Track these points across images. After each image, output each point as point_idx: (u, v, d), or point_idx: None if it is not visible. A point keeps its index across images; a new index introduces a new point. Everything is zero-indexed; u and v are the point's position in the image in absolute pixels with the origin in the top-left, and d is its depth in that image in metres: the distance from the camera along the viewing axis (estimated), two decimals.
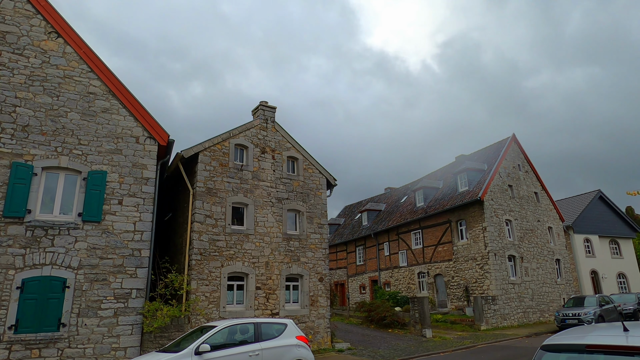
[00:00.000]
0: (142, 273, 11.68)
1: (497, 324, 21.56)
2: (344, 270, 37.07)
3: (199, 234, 13.35)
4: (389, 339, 17.84)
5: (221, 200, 14.05)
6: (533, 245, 25.56)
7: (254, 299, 13.98)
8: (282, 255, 14.94)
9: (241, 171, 14.79)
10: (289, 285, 15.09)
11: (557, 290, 26.16)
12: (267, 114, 16.10)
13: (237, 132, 15.06)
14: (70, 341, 10.50)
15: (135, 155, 12.38)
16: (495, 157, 26.32)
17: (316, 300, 15.42)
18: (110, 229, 11.56)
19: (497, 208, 24.23)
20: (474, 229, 24.11)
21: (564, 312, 20.22)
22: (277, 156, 15.89)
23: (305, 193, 16.22)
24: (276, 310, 14.34)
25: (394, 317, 20.40)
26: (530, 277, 24.61)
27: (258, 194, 14.97)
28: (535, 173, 28.00)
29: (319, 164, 16.89)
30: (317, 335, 15.04)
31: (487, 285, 22.89)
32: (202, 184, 13.81)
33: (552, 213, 28.19)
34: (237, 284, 13.96)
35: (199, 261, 13.17)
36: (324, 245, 16.13)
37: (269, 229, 14.88)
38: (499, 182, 25.10)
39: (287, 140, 16.34)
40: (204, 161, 14.03)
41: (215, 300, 13.16)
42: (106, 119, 12.26)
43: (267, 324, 9.50)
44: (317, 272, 15.72)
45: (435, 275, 26.70)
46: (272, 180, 15.47)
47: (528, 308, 23.77)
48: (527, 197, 26.56)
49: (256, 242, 14.45)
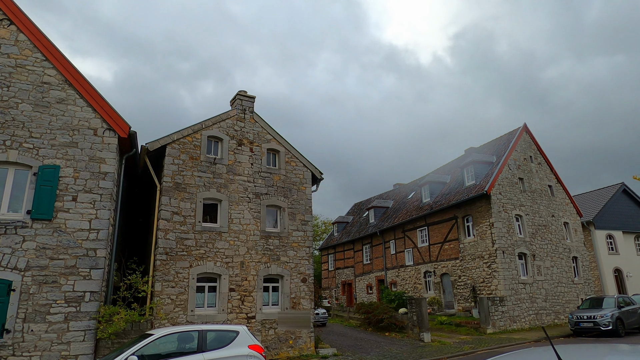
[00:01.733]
0: (97, 275, 10.82)
1: (505, 327, 20.03)
2: (351, 269, 35.86)
3: (164, 232, 12.45)
4: (383, 344, 16.61)
5: (191, 196, 13.13)
6: (547, 242, 23.83)
7: (227, 301, 13.00)
8: (259, 255, 13.92)
9: (214, 165, 13.83)
10: (268, 287, 14.06)
11: (574, 290, 24.35)
12: (245, 104, 15.10)
13: (211, 123, 14.11)
14: (15, 349, 9.71)
15: (93, 148, 11.54)
16: (505, 149, 24.68)
17: (298, 302, 14.34)
18: (62, 228, 10.75)
19: (506, 202, 22.64)
20: (480, 225, 22.59)
21: (578, 315, 18.57)
22: (255, 149, 14.87)
23: (287, 188, 15.16)
24: (252, 313, 13.33)
25: (392, 320, 19.14)
26: (544, 276, 22.91)
27: (233, 189, 13.99)
28: (550, 165, 26.19)
29: (303, 157, 15.80)
30: (299, 341, 13.96)
31: (495, 285, 21.36)
32: (169, 178, 12.91)
33: (569, 207, 26.32)
34: (209, 286, 13.01)
35: (165, 261, 12.26)
36: (308, 244, 15.03)
37: (245, 226, 13.88)
38: (508, 174, 23.47)
39: (268, 132, 15.30)
40: (171, 154, 13.12)
41: (182, 304, 12.23)
42: (61, 110, 11.47)
43: (215, 331, 8.46)
44: (300, 272, 14.63)
45: (442, 274, 25.25)
46: (249, 174, 14.46)
47: (541, 309, 22.10)
48: (540, 190, 24.81)
49: (230, 241, 13.46)
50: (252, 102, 15.22)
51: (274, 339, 13.49)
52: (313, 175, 15.93)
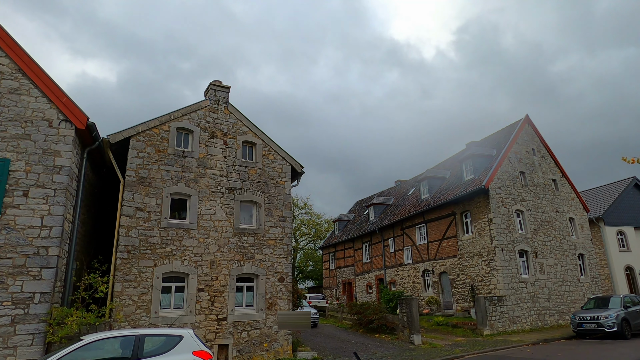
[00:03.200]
0: (49, 274, 10.14)
1: (504, 328, 18.97)
2: (352, 268, 34.97)
3: (126, 229, 11.74)
4: (370, 347, 15.71)
5: (157, 190, 12.40)
6: (550, 239, 22.64)
7: (196, 302, 12.26)
8: (232, 253, 13.14)
9: (183, 158, 13.09)
10: (242, 287, 13.27)
11: (580, 289, 23.12)
12: (219, 94, 14.34)
13: (180, 114, 13.38)
14: None
15: (47, 140, 10.88)
16: (506, 142, 23.54)
17: (275, 303, 13.53)
18: (11, 225, 10.09)
19: (506, 197, 21.53)
20: (479, 221, 21.53)
21: (581, 315, 17.44)
22: (230, 141, 14.10)
23: (264, 182, 14.36)
24: (223, 315, 12.56)
25: (383, 321, 18.22)
26: (547, 274, 21.75)
27: (204, 183, 13.24)
28: (554, 158, 24.96)
29: (282, 150, 14.98)
30: (275, 343, 13.16)
31: (494, 284, 20.30)
32: (133, 172, 12.20)
33: (574, 202, 25.06)
34: (177, 286, 12.28)
35: (126, 260, 11.56)
36: (286, 241, 14.21)
37: (217, 222, 13.12)
38: (508, 168, 22.35)
39: (243, 124, 14.52)
40: (136, 147, 12.42)
41: (144, 305, 11.51)
42: (14, 100, 10.83)
43: (154, 336, 7.70)
44: (277, 271, 13.82)
45: (441, 273, 24.22)
46: (222, 168, 13.69)
47: (544, 309, 20.96)
48: (543, 185, 23.62)
49: (200, 238, 12.72)
50: (226, 92, 14.46)
51: (247, 341, 12.71)
52: (293, 169, 15.10)
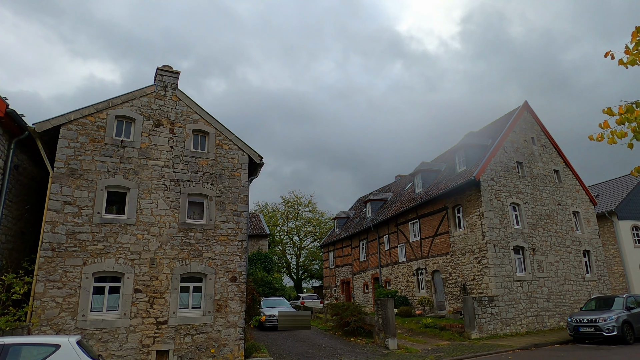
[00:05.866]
0: None
1: (495, 331, 17.41)
2: (350, 267, 33.66)
3: (52, 225, 10.80)
4: (338, 352, 14.43)
5: (90, 183, 11.44)
6: (550, 234, 20.89)
7: (131, 304, 11.24)
8: (175, 250, 12.09)
9: (122, 148, 12.10)
10: (188, 287, 12.21)
11: (585, 289, 21.28)
12: (167, 79, 13.31)
13: (120, 101, 12.39)
14: None
15: None
16: (502, 130, 21.88)
17: (225, 305, 12.41)
18: None
19: (500, 190, 19.91)
20: (470, 215, 19.98)
21: (578, 318, 15.78)
22: (178, 130, 13.06)
23: (216, 174, 13.26)
24: (164, 318, 11.51)
25: (360, 323, 16.91)
26: (546, 272, 20.03)
27: (145, 175, 12.22)
28: (556, 147, 23.13)
29: (239, 139, 13.86)
30: (224, 349, 12.03)
31: (485, 282, 18.74)
32: (62, 164, 11.27)
33: (580, 195, 23.17)
34: (111, 287, 11.29)
35: (50, 259, 10.61)
36: (241, 237, 13.08)
37: (159, 217, 12.08)
38: (503, 158, 20.71)
39: (194, 111, 13.46)
40: (67, 136, 11.48)
41: (70, 307, 10.55)
42: None
43: (22, 346, 6.66)
44: (229, 270, 12.70)
45: (433, 271, 22.73)
46: (168, 158, 12.66)
47: (542, 311, 19.27)
48: (543, 176, 21.86)
49: (138, 234, 11.70)
50: (175, 77, 13.42)
51: (190, 347, 11.63)
52: (251, 160, 13.96)
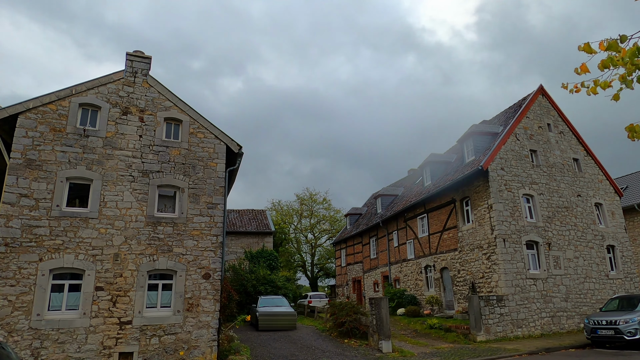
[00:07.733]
0: None
1: (504, 334, 15.97)
2: (360, 265, 32.48)
3: (6, 219, 10.20)
4: (327, 355, 13.35)
5: (48, 174, 10.79)
6: (569, 228, 19.18)
7: (92, 303, 10.53)
8: (142, 245, 11.32)
9: (85, 137, 11.42)
10: (157, 285, 11.42)
11: (609, 287, 19.46)
12: (137, 65, 12.57)
13: (84, 88, 11.72)
14: None
15: None
16: (514, 117, 20.30)
17: (197, 304, 11.56)
18: None
19: (510, 180, 18.38)
20: (478, 208, 18.54)
21: (596, 319, 14.20)
22: (148, 118, 12.30)
23: (189, 164, 12.44)
24: (127, 317, 10.75)
25: (355, 323, 15.80)
26: (563, 269, 18.37)
27: (111, 166, 11.50)
28: (576, 134, 21.32)
29: (215, 127, 12.99)
30: (195, 351, 11.19)
31: (495, 280, 17.30)
32: (19, 154, 10.66)
33: (603, 185, 21.29)
34: (71, 284, 10.61)
35: (3, 254, 10.00)
36: (215, 231, 12.21)
37: (125, 210, 11.34)
38: (514, 146, 19.16)
39: (167, 98, 12.67)
40: (24, 125, 10.86)
41: (24, 306, 9.91)
42: None
43: None
44: (201, 267, 11.85)
45: (442, 268, 21.35)
46: (136, 148, 11.91)
47: (559, 311, 17.65)
48: (561, 165, 20.15)
49: (100, 229, 10.98)
50: (147, 63, 12.67)
51: (157, 349, 10.84)
52: (229, 149, 13.08)
